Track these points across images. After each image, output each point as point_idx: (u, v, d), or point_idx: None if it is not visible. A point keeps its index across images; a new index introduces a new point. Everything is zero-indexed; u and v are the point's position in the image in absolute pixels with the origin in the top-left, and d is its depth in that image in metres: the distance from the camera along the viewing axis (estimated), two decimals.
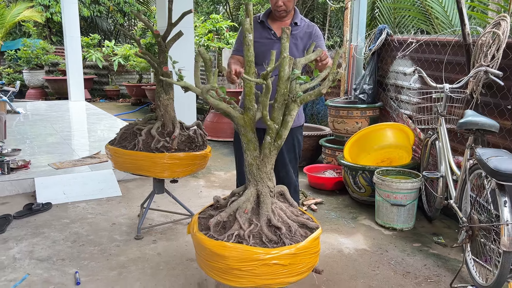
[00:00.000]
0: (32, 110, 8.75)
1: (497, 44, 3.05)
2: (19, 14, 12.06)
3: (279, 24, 2.67)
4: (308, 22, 2.72)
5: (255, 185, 1.94)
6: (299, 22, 2.67)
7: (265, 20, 2.68)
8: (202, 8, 12.32)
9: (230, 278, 1.77)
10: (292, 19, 2.68)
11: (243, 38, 1.92)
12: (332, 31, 10.23)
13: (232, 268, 1.74)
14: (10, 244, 3.04)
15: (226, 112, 1.93)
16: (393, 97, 4.55)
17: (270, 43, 2.64)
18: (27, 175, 4.18)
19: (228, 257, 1.73)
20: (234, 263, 1.72)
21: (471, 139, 2.70)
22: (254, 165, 1.94)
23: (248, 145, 1.93)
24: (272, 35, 2.65)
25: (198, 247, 1.90)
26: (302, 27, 2.68)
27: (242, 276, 1.74)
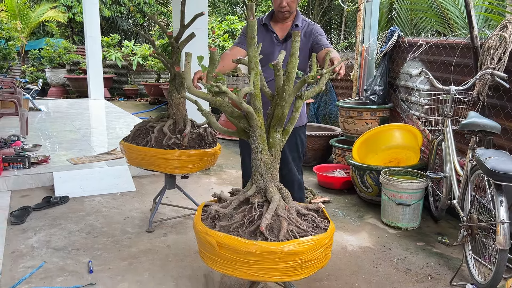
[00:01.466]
0: (53, 108, 9.03)
1: (504, 47, 3.08)
2: (42, 15, 12.42)
3: (281, 26, 2.75)
4: (308, 21, 2.77)
5: (273, 183, 2.02)
6: (300, 23, 2.74)
7: (268, 22, 2.75)
8: (219, 9, 12.48)
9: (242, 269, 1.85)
10: (294, 21, 2.74)
11: (247, 37, 1.98)
12: (350, 32, 10.26)
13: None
14: (29, 234, 3.21)
15: (248, 113, 1.94)
16: (403, 98, 4.59)
17: (272, 45, 2.72)
18: (47, 169, 4.36)
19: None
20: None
21: (473, 140, 2.74)
22: (269, 164, 2.02)
23: (264, 145, 2.00)
24: (275, 38, 2.73)
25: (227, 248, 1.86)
26: (303, 27, 2.74)
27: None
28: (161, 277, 2.65)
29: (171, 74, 3.25)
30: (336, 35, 10.83)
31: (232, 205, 2.01)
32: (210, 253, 1.89)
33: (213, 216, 1.99)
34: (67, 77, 11.66)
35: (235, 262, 1.80)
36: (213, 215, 1.98)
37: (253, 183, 2.03)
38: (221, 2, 12.21)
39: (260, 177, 2.00)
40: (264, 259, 1.76)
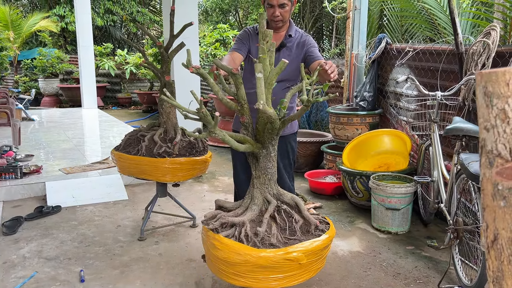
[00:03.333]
0: (46, 117, 9.03)
1: (487, 53, 3.15)
2: (35, 24, 12.45)
3: (274, 36, 2.80)
4: (302, 32, 2.85)
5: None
6: (293, 34, 2.80)
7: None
8: (211, 17, 12.56)
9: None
10: (287, 31, 2.80)
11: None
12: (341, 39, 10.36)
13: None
14: (21, 244, 3.22)
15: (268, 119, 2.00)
16: (392, 104, 4.65)
17: None
18: (39, 179, 4.37)
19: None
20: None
21: (458, 145, 2.79)
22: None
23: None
24: None
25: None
26: (296, 38, 2.80)
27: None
28: (152, 285, 2.67)
29: (161, 83, 3.29)
30: (328, 42, 10.93)
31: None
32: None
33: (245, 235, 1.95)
34: (60, 86, 11.66)
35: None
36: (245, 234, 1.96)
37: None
38: (213, 10, 12.30)
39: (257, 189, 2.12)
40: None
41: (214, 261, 1.97)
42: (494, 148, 0.65)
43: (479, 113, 0.69)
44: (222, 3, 11.66)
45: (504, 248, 0.65)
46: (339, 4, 8.22)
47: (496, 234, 0.67)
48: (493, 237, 0.67)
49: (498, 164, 0.65)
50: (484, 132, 0.67)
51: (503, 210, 0.63)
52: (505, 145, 0.64)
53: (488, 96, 0.65)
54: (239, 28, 12.55)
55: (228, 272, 1.91)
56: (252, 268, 1.85)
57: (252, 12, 11.05)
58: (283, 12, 2.64)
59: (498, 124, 0.65)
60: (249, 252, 1.84)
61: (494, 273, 0.69)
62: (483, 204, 0.70)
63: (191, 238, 3.36)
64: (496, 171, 0.64)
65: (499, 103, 0.64)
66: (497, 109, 0.64)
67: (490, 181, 0.66)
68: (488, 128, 0.66)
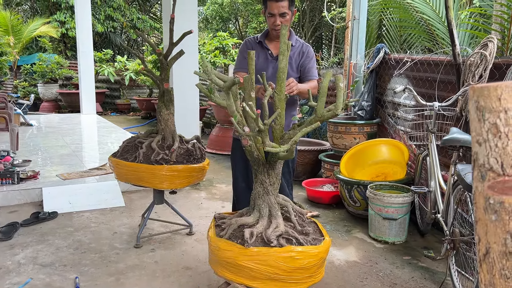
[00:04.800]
0: (45, 123, 9.03)
1: (484, 65, 3.17)
2: (35, 30, 12.49)
3: (275, 44, 2.84)
4: (302, 42, 2.89)
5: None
6: (294, 43, 2.83)
7: (263, 40, 2.86)
8: (212, 25, 12.62)
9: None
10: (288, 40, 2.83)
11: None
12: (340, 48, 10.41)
13: None
14: (16, 250, 3.20)
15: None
16: (390, 113, 4.66)
17: (266, 62, 2.83)
18: (36, 185, 4.36)
19: None
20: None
21: (455, 156, 2.80)
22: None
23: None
24: (269, 55, 2.84)
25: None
26: (297, 48, 2.84)
27: None
28: None
29: (160, 90, 3.30)
30: (327, 51, 10.98)
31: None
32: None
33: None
34: (59, 92, 11.68)
35: None
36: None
37: None
38: (213, 18, 12.36)
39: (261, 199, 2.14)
40: None
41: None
42: (486, 162, 0.66)
43: (472, 127, 0.69)
44: (223, 11, 11.73)
45: (496, 261, 0.65)
46: (338, 14, 8.27)
47: (488, 248, 0.67)
48: (485, 250, 0.68)
49: (490, 178, 0.66)
50: (476, 146, 0.68)
51: (494, 224, 0.64)
52: (496, 159, 0.65)
53: (480, 110, 0.66)
54: (239, 36, 12.61)
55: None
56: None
57: (251, 20, 11.11)
58: (283, 21, 2.68)
59: (490, 138, 0.65)
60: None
61: (486, 287, 0.69)
62: (475, 218, 0.70)
63: (188, 246, 3.35)
64: (488, 185, 0.65)
65: (491, 118, 0.65)
66: (489, 124, 0.65)
67: (482, 194, 0.67)
68: (480, 142, 0.67)
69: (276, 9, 2.66)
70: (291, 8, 2.71)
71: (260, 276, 1.89)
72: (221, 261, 1.94)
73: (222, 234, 1.97)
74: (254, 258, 1.87)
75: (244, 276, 1.91)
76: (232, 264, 1.92)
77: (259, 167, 2.07)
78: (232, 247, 1.92)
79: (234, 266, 1.92)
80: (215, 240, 1.98)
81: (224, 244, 1.95)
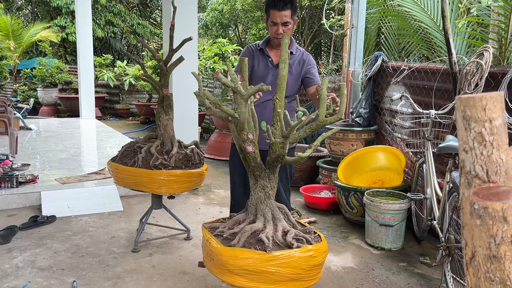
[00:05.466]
0: (44, 127, 9.05)
1: (480, 73, 3.21)
2: (36, 34, 12.55)
3: (276, 52, 2.88)
4: (303, 51, 2.93)
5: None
6: (295, 51, 2.87)
7: (264, 48, 2.90)
8: (211, 31, 12.70)
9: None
10: (289, 48, 2.87)
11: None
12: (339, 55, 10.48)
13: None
14: (14, 253, 3.21)
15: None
16: (387, 121, 4.70)
17: (267, 69, 2.86)
18: (34, 189, 4.38)
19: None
20: None
21: (451, 163, 2.83)
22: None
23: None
24: (270, 62, 2.87)
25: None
26: (297, 56, 2.88)
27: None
28: None
29: (160, 96, 3.33)
30: (326, 58, 11.05)
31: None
32: None
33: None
34: (59, 96, 11.72)
35: None
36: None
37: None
38: (213, 25, 12.44)
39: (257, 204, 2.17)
40: None
41: None
42: (472, 169, 0.69)
43: (459, 135, 0.72)
44: (222, 18, 11.81)
45: (481, 265, 0.68)
46: (337, 21, 8.34)
47: (474, 252, 0.70)
48: (471, 254, 0.70)
49: (475, 185, 0.69)
50: (463, 154, 0.71)
51: (479, 228, 0.66)
52: (482, 166, 0.68)
53: (466, 119, 0.69)
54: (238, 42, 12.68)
55: None
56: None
57: (251, 27, 11.18)
58: (286, 30, 2.72)
59: (475, 146, 0.68)
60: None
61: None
62: (462, 223, 0.73)
63: (185, 251, 3.36)
64: (473, 191, 0.68)
65: (477, 127, 0.68)
66: (475, 132, 0.68)
67: (468, 200, 0.69)
68: (466, 150, 0.70)
69: (279, 18, 2.69)
70: (293, 17, 2.74)
71: (281, 279, 1.93)
72: (237, 270, 1.92)
73: (234, 243, 1.95)
74: (276, 262, 1.91)
75: (266, 281, 1.93)
76: (253, 271, 1.92)
77: (261, 173, 2.10)
78: (252, 254, 1.91)
79: (255, 273, 1.92)
80: (228, 250, 1.94)
81: (242, 253, 1.93)
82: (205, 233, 2.12)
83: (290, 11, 2.71)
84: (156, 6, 17.23)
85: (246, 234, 1.99)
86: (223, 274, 1.99)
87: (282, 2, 2.67)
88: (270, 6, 2.72)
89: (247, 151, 2.02)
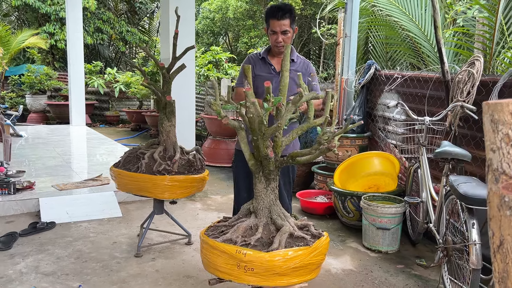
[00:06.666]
0: (33, 134, 8.98)
1: (472, 82, 3.35)
2: (24, 41, 12.44)
3: (277, 60, 2.97)
4: (303, 59, 3.04)
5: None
6: (296, 58, 2.98)
7: (266, 56, 2.99)
8: (202, 39, 12.78)
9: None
10: (289, 56, 2.97)
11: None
12: (328, 64, 10.66)
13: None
14: (17, 259, 3.22)
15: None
16: (381, 127, 4.83)
17: (270, 77, 2.94)
18: (32, 195, 4.37)
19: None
20: None
21: (447, 168, 2.95)
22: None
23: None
24: (272, 70, 2.96)
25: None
26: (299, 63, 2.98)
27: None
28: None
29: (162, 103, 3.39)
30: (315, 66, 11.22)
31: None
32: None
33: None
34: (48, 103, 11.64)
35: None
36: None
37: None
38: (205, 32, 12.53)
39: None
40: None
41: None
42: (500, 167, 0.78)
43: (486, 137, 0.81)
44: (214, 26, 11.91)
45: (509, 251, 0.77)
46: (327, 30, 8.51)
47: (502, 240, 0.78)
48: (499, 242, 0.79)
49: (503, 180, 0.77)
50: (490, 153, 0.80)
51: (509, 218, 0.75)
52: (509, 164, 0.77)
53: (494, 122, 0.78)
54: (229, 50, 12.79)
55: None
56: None
57: (242, 35, 11.30)
58: (285, 38, 2.82)
59: (503, 146, 0.77)
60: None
61: (500, 274, 0.80)
62: (489, 215, 0.82)
63: (187, 255, 3.41)
64: (503, 185, 0.76)
65: (504, 129, 0.77)
66: (502, 134, 0.77)
67: (496, 194, 0.78)
68: (494, 150, 0.79)
69: (278, 27, 2.80)
70: (292, 26, 2.85)
71: (317, 266, 2.17)
72: (286, 270, 2.01)
73: (276, 246, 2.01)
74: (315, 252, 2.09)
75: (308, 272, 2.10)
76: (300, 267, 2.04)
77: (275, 176, 2.19)
78: (297, 251, 2.04)
79: (301, 267, 2.05)
80: (273, 254, 1.98)
81: (287, 253, 2.01)
82: (229, 248, 2.04)
83: (289, 20, 2.82)
84: (145, 13, 17.26)
85: (285, 236, 2.08)
86: (268, 279, 2.01)
87: (281, 12, 2.79)
88: (269, 16, 2.84)
89: (269, 156, 2.11)
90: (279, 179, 2.95)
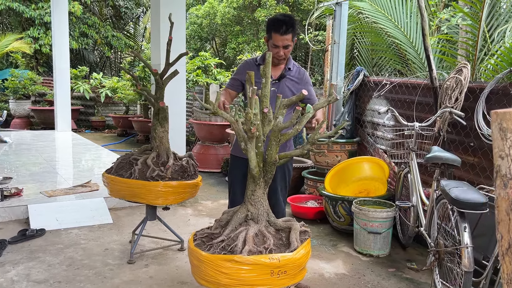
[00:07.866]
0: (18, 140, 8.83)
1: (460, 88, 3.44)
2: (7, 45, 12.26)
3: (274, 67, 3.00)
4: (298, 67, 3.07)
5: None
6: (292, 67, 3.01)
7: (262, 63, 3.01)
8: (189, 45, 12.78)
9: None
10: (286, 64, 3.00)
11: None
12: (314, 69, 10.76)
13: None
14: (7, 267, 3.17)
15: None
16: (370, 133, 4.90)
17: None
18: (20, 202, 4.31)
19: None
20: None
21: (437, 172, 3.01)
22: None
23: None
24: None
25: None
26: (295, 72, 3.01)
27: None
28: None
29: (155, 108, 3.39)
30: None
31: None
32: None
33: None
34: (32, 108, 11.47)
35: None
36: None
37: None
38: (192, 38, 12.52)
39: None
40: None
41: None
42: (508, 173, 0.82)
43: (494, 144, 0.85)
44: (202, 31, 11.92)
45: None
46: (314, 37, 8.60)
47: (510, 243, 0.82)
48: (507, 245, 0.83)
49: (511, 186, 0.81)
50: (499, 160, 0.84)
51: None
52: None
53: (503, 131, 0.82)
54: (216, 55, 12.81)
55: None
56: None
57: (230, 41, 11.33)
58: (286, 52, 2.86)
59: (511, 153, 0.81)
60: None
61: (509, 276, 0.84)
62: (497, 219, 0.86)
63: (181, 261, 3.40)
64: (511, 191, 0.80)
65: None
66: (511, 142, 0.81)
67: (504, 199, 0.82)
68: (502, 156, 0.83)
69: (281, 41, 2.82)
70: (293, 39, 2.88)
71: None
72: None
73: (295, 247, 2.13)
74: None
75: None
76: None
77: (271, 177, 2.23)
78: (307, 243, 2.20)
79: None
80: (297, 251, 2.10)
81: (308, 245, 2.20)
82: (260, 258, 2.00)
83: (292, 34, 2.83)
84: (130, 18, 17.18)
85: (297, 233, 2.19)
86: (295, 277, 2.14)
87: (284, 27, 2.78)
88: (272, 29, 2.82)
89: (277, 161, 2.21)
90: (277, 184, 2.99)
